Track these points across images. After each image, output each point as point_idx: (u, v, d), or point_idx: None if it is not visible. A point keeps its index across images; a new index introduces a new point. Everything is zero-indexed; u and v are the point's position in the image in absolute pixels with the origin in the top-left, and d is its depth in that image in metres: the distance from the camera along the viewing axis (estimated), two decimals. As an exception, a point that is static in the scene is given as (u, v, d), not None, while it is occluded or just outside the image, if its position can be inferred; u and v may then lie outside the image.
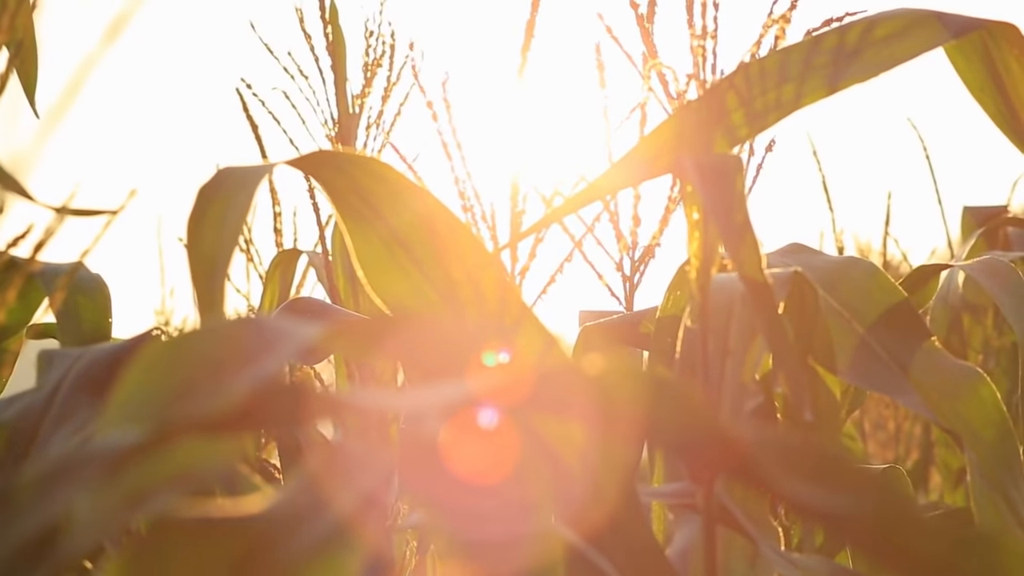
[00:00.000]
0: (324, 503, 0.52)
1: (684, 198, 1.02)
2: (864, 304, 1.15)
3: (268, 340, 0.57)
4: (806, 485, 0.53)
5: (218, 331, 0.58)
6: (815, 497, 0.53)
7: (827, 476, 0.54)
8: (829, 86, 1.02)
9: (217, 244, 0.87)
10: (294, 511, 0.51)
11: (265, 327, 0.57)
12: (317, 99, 1.93)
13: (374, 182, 0.93)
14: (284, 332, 0.58)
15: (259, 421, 0.52)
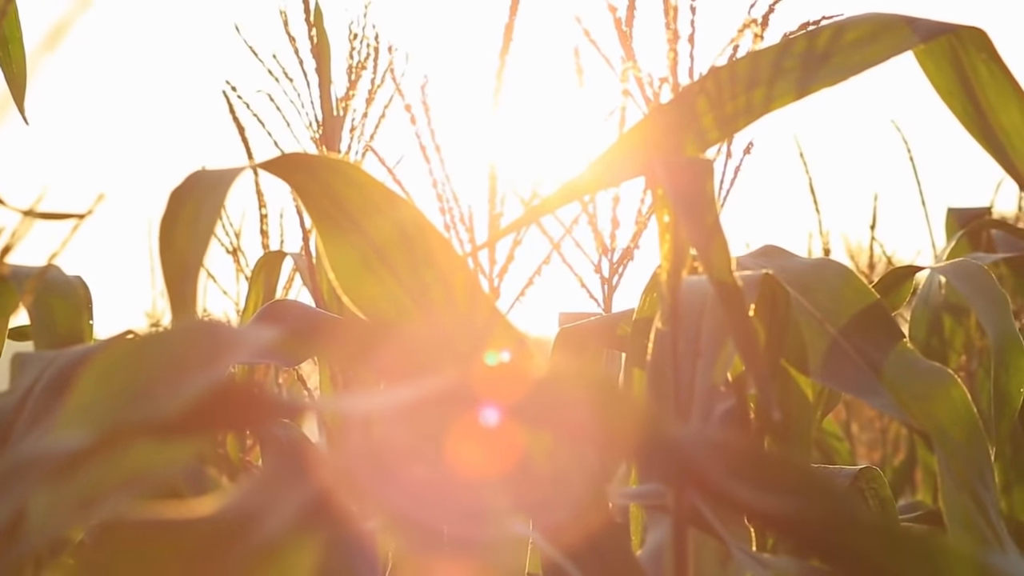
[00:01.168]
0: (276, 504, 0.52)
1: (655, 201, 1.02)
2: (837, 306, 1.15)
3: (223, 344, 0.57)
4: (752, 489, 0.54)
5: (174, 335, 0.58)
6: (761, 500, 0.54)
7: (773, 479, 0.55)
8: (799, 90, 1.03)
9: (189, 246, 0.88)
10: (246, 512, 0.52)
11: (220, 331, 0.58)
12: (302, 101, 1.94)
13: (346, 186, 0.93)
14: (239, 336, 0.58)
15: (211, 424, 0.53)
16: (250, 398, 0.52)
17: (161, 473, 0.55)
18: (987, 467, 1.07)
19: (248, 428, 0.75)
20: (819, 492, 0.55)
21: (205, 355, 0.57)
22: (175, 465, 0.55)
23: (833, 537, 0.54)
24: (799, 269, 1.19)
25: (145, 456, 0.55)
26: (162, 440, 0.53)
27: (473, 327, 0.98)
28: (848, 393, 1.15)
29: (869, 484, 1.42)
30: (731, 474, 0.54)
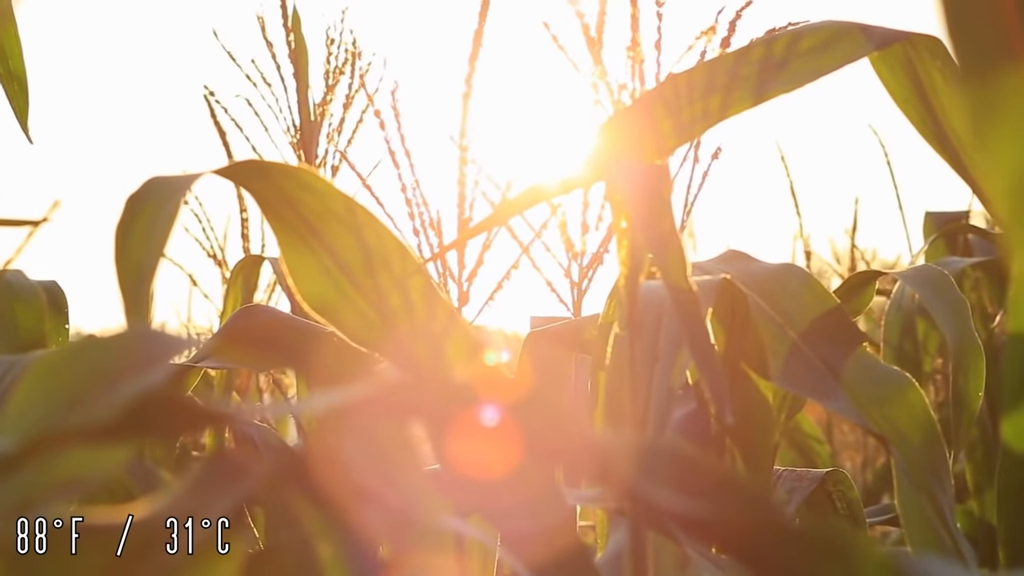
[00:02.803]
0: (203, 510, 0.53)
1: (613, 207, 1.03)
2: (797, 310, 1.16)
3: (158, 351, 0.58)
4: (673, 492, 0.55)
5: (111, 341, 0.59)
6: (682, 504, 0.55)
7: (696, 483, 0.56)
8: (755, 97, 1.04)
9: (144, 253, 0.88)
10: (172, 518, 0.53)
11: (156, 338, 0.59)
12: (280, 106, 1.95)
13: (304, 192, 0.94)
14: (174, 342, 0.59)
15: (140, 431, 0.54)
16: (178, 405, 0.53)
17: (94, 478, 0.56)
18: (944, 470, 1.08)
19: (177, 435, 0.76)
20: (740, 496, 0.56)
21: (141, 361, 0.58)
22: (108, 470, 0.56)
23: (753, 540, 0.55)
24: (761, 274, 1.20)
25: (80, 461, 0.56)
26: (93, 446, 0.54)
27: (431, 332, 0.99)
28: (807, 397, 1.16)
29: (836, 487, 1.43)
30: (653, 478, 0.55)
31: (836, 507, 1.43)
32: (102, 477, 0.56)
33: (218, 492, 0.54)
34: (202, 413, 0.53)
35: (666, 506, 0.54)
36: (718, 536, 0.55)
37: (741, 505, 0.55)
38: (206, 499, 0.54)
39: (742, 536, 0.55)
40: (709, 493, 0.56)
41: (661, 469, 0.55)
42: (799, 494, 1.39)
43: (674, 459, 0.55)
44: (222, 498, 0.54)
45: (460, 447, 0.88)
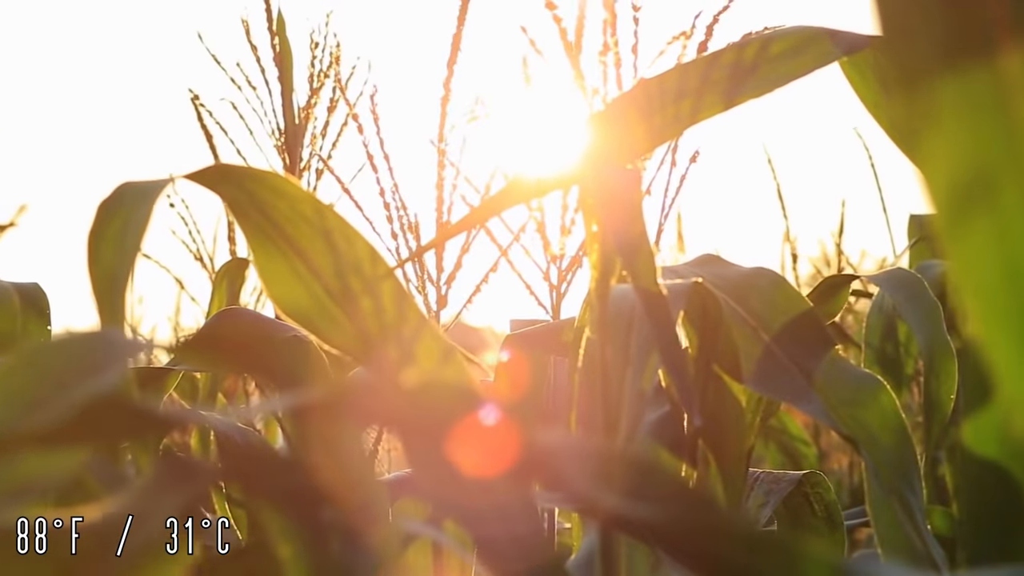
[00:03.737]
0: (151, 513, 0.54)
1: (584, 210, 1.04)
2: (770, 313, 1.17)
3: (113, 354, 0.59)
4: (616, 494, 0.55)
5: (69, 344, 0.60)
6: (629, 507, 0.55)
7: (644, 487, 0.57)
8: (726, 101, 1.04)
9: (117, 258, 0.89)
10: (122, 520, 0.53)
11: (112, 341, 0.60)
12: (264, 110, 1.95)
13: (273, 196, 0.95)
14: (129, 346, 0.60)
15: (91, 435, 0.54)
16: (130, 409, 0.53)
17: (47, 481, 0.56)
18: (915, 472, 1.09)
19: (129, 439, 0.76)
20: (687, 499, 0.57)
21: (96, 365, 0.58)
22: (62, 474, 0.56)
23: (699, 543, 0.56)
24: (734, 277, 1.20)
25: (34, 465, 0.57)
26: (45, 450, 0.54)
27: (402, 336, 0.99)
28: (780, 400, 1.17)
29: (814, 489, 1.44)
30: (600, 481, 0.56)
31: (814, 509, 1.44)
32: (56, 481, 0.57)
33: (170, 493, 0.54)
34: (152, 417, 0.54)
35: (615, 510, 0.54)
36: (668, 540, 0.56)
37: (690, 509, 0.56)
38: (158, 500, 0.54)
39: (691, 540, 0.56)
40: (659, 497, 0.56)
41: (611, 473, 0.56)
42: (776, 496, 1.39)
43: (624, 463, 0.56)
44: (173, 499, 0.54)
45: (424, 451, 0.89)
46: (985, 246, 0.48)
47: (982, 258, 0.49)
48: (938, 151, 0.48)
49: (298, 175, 1.86)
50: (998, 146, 0.48)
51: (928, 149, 0.48)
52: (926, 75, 0.49)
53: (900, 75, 0.49)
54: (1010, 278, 0.48)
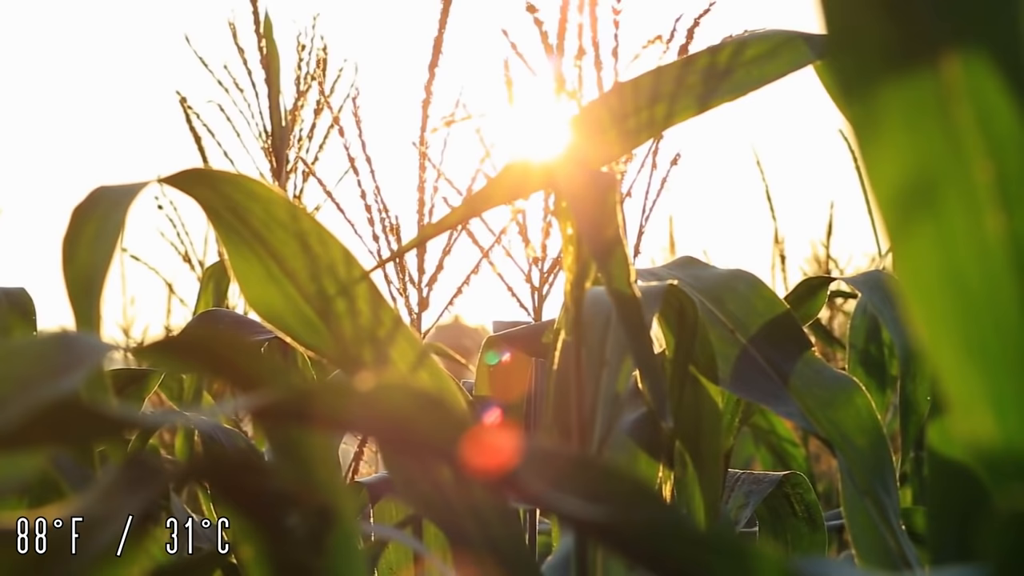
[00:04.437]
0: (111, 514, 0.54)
1: (559, 213, 1.05)
2: (746, 316, 1.18)
3: (75, 357, 0.59)
4: (570, 496, 0.56)
5: (29, 346, 0.60)
6: (582, 509, 0.56)
7: (599, 488, 0.57)
8: (700, 105, 1.05)
9: (92, 262, 0.90)
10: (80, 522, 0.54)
11: (73, 344, 0.60)
12: (252, 112, 1.96)
13: (247, 199, 0.95)
14: (91, 348, 0.61)
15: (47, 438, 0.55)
16: (86, 413, 0.54)
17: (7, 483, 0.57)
18: (889, 473, 1.10)
19: (85, 442, 0.77)
20: (642, 500, 0.57)
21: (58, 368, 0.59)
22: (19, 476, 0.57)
23: (653, 544, 0.56)
24: (712, 279, 1.21)
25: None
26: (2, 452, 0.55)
27: (376, 338, 1.00)
28: (756, 401, 1.17)
29: (794, 490, 1.45)
30: (555, 482, 0.56)
31: (795, 510, 1.44)
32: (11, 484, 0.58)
33: (130, 494, 0.55)
34: (114, 420, 0.54)
35: (568, 511, 0.55)
36: (623, 541, 0.57)
37: (645, 510, 0.57)
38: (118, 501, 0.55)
39: (647, 541, 0.56)
40: (614, 498, 0.57)
41: (567, 475, 0.56)
42: (756, 497, 1.40)
43: (581, 465, 0.57)
44: (133, 500, 0.55)
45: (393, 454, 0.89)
46: (928, 250, 0.49)
47: (925, 262, 0.49)
48: (882, 156, 0.49)
49: (285, 177, 1.87)
50: (940, 152, 0.49)
51: (873, 153, 0.49)
52: (870, 80, 0.49)
53: (845, 80, 0.50)
54: (951, 282, 0.49)
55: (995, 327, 0.49)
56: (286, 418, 0.57)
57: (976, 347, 0.49)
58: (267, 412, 0.55)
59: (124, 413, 0.55)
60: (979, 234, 0.49)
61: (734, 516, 1.39)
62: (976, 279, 0.49)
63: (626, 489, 0.58)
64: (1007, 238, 0.48)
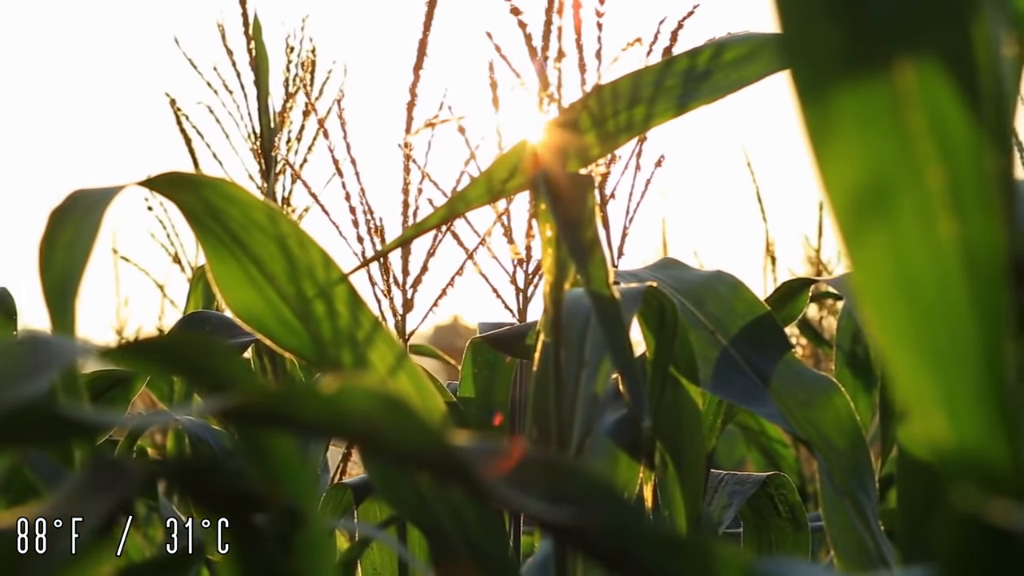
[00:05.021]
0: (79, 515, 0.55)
1: (538, 215, 1.05)
2: (728, 317, 1.18)
3: (45, 359, 0.60)
4: (535, 497, 0.56)
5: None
6: (544, 509, 0.56)
7: (561, 488, 0.58)
8: (679, 107, 1.06)
9: (69, 265, 0.90)
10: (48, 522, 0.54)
11: (44, 346, 0.61)
12: (240, 114, 1.96)
13: (226, 203, 0.96)
14: (62, 351, 0.61)
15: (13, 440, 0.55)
16: (53, 416, 0.54)
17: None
18: (868, 474, 1.10)
19: (53, 445, 0.77)
20: (607, 501, 0.58)
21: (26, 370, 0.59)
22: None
23: (615, 544, 0.57)
24: (693, 281, 1.22)
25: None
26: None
27: (355, 340, 1.00)
28: (735, 402, 1.18)
29: (778, 491, 1.45)
30: (516, 483, 0.57)
31: (779, 511, 1.45)
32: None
33: (97, 496, 0.55)
34: (75, 422, 0.55)
35: (531, 512, 0.56)
36: (586, 540, 0.57)
37: (608, 511, 0.57)
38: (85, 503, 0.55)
39: (608, 540, 0.57)
40: (577, 499, 0.58)
41: (525, 475, 0.57)
42: (740, 498, 1.40)
43: (538, 464, 0.57)
44: (101, 502, 0.55)
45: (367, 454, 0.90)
46: (882, 255, 0.50)
47: (879, 267, 0.50)
48: (837, 161, 0.50)
49: (274, 179, 1.88)
50: (894, 158, 0.49)
51: (827, 159, 0.50)
52: (825, 86, 0.50)
53: (800, 85, 0.50)
54: (905, 287, 0.50)
55: (948, 331, 0.50)
56: (252, 420, 0.57)
57: (930, 351, 0.50)
58: (234, 414, 0.55)
59: (88, 416, 0.55)
60: (932, 240, 0.49)
61: (717, 517, 1.40)
62: (929, 284, 0.49)
63: (591, 489, 0.58)
64: (959, 244, 0.49)
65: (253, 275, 0.98)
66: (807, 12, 0.50)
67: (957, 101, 0.48)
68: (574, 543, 0.62)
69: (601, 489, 0.58)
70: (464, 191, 1.06)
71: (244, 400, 0.55)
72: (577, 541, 0.58)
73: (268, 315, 0.99)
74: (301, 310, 0.99)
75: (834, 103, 0.49)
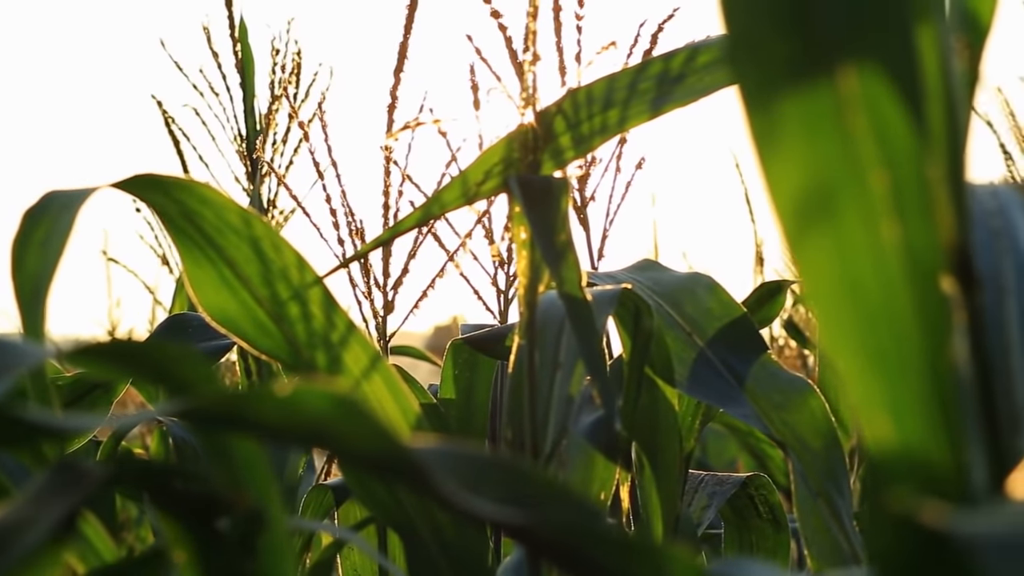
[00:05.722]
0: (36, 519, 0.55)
1: (512, 218, 1.05)
2: (704, 319, 1.19)
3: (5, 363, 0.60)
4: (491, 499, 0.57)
5: (-38, 354, 0.61)
6: (497, 511, 0.57)
7: (516, 489, 0.58)
8: (652, 110, 1.06)
9: (40, 267, 0.90)
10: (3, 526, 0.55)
11: (6, 349, 0.61)
12: (227, 116, 1.96)
13: (200, 205, 0.96)
14: (24, 354, 0.61)
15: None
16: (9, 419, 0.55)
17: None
18: (843, 475, 1.11)
19: (11, 448, 0.78)
20: (558, 502, 0.58)
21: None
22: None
23: (568, 545, 0.57)
24: (670, 283, 1.22)
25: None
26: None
27: (329, 342, 1.01)
28: (711, 403, 1.18)
29: (759, 491, 1.46)
30: (471, 485, 0.57)
31: (759, 511, 1.45)
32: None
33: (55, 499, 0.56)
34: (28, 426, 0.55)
35: (481, 513, 0.56)
36: (538, 541, 0.57)
37: (561, 512, 0.58)
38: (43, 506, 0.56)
39: (560, 541, 0.57)
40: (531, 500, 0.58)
41: (481, 477, 0.57)
42: (719, 498, 1.41)
43: (492, 466, 0.57)
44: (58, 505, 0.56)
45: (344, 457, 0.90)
46: (826, 259, 0.50)
47: (824, 270, 0.50)
48: (781, 165, 0.50)
49: (260, 181, 1.88)
50: (838, 162, 0.50)
51: (772, 163, 0.50)
52: (770, 91, 0.50)
53: (746, 90, 0.51)
54: (850, 289, 0.50)
55: (892, 334, 0.50)
56: (209, 422, 0.58)
57: (874, 353, 0.50)
58: (191, 416, 0.56)
59: (44, 419, 0.56)
60: (875, 243, 0.50)
61: (697, 517, 1.40)
62: (873, 287, 0.50)
63: (546, 491, 0.59)
64: (902, 247, 0.49)
65: (227, 277, 0.99)
66: (754, 20, 0.50)
67: (899, 106, 0.49)
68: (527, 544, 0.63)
69: (555, 491, 0.59)
70: (439, 193, 1.06)
71: (200, 403, 0.55)
72: (530, 542, 0.58)
73: (242, 317, 0.99)
74: (275, 312, 0.99)
75: (779, 108, 0.50)
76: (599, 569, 0.57)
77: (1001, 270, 0.68)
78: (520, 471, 0.58)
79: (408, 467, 0.55)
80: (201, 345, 1.36)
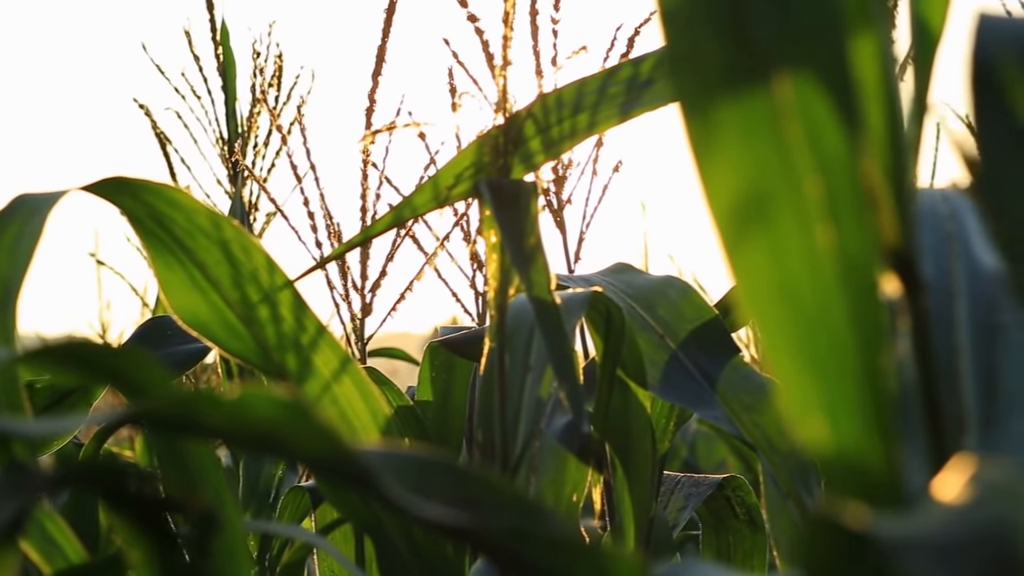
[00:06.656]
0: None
1: (483, 222, 1.06)
2: (677, 321, 1.19)
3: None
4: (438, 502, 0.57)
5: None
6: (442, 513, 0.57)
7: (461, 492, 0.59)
8: (621, 115, 1.07)
9: (9, 270, 0.91)
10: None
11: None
12: (208, 119, 1.97)
13: (170, 208, 0.97)
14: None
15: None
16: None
17: None
18: (812, 476, 1.11)
19: None
20: (504, 504, 0.59)
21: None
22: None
23: (511, 547, 0.58)
24: (644, 286, 1.23)
25: None
26: None
27: (299, 345, 1.01)
28: (684, 406, 1.19)
29: (735, 492, 1.46)
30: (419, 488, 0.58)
31: (736, 512, 1.46)
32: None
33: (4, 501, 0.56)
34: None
35: (426, 516, 0.56)
36: (483, 543, 0.58)
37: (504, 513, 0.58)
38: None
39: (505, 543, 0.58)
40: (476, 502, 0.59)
41: (428, 479, 0.58)
42: (695, 500, 1.42)
43: (438, 468, 0.58)
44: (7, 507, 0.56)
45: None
46: (762, 263, 0.51)
47: (760, 274, 0.51)
48: (718, 170, 0.51)
49: (241, 184, 1.88)
50: (773, 168, 0.50)
51: (709, 168, 0.51)
52: (708, 98, 0.51)
53: (684, 97, 0.51)
54: (785, 294, 0.51)
55: (827, 338, 0.51)
56: (160, 426, 0.58)
57: (810, 357, 0.51)
58: (142, 419, 0.56)
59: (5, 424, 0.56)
60: (810, 248, 0.50)
61: (673, 519, 1.41)
62: (808, 291, 0.50)
63: (492, 493, 0.59)
64: (836, 252, 0.50)
65: (198, 280, 0.99)
66: (692, 28, 0.51)
67: (832, 113, 0.49)
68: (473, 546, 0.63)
69: (501, 493, 0.59)
70: (410, 197, 1.07)
71: (153, 406, 0.56)
72: (475, 544, 0.59)
73: (213, 320, 1.00)
74: (245, 315, 1.00)
75: (717, 115, 0.51)
76: (541, 570, 0.58)
77: (952, 273, 0.69)
78: (465, 473, 0.59)
79: (355, 470, 0.55)
80: (181, 348, 1.37)
